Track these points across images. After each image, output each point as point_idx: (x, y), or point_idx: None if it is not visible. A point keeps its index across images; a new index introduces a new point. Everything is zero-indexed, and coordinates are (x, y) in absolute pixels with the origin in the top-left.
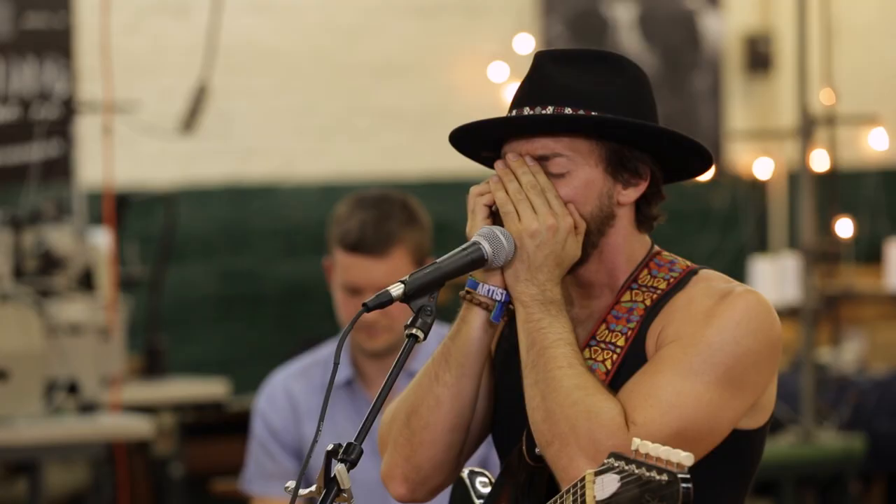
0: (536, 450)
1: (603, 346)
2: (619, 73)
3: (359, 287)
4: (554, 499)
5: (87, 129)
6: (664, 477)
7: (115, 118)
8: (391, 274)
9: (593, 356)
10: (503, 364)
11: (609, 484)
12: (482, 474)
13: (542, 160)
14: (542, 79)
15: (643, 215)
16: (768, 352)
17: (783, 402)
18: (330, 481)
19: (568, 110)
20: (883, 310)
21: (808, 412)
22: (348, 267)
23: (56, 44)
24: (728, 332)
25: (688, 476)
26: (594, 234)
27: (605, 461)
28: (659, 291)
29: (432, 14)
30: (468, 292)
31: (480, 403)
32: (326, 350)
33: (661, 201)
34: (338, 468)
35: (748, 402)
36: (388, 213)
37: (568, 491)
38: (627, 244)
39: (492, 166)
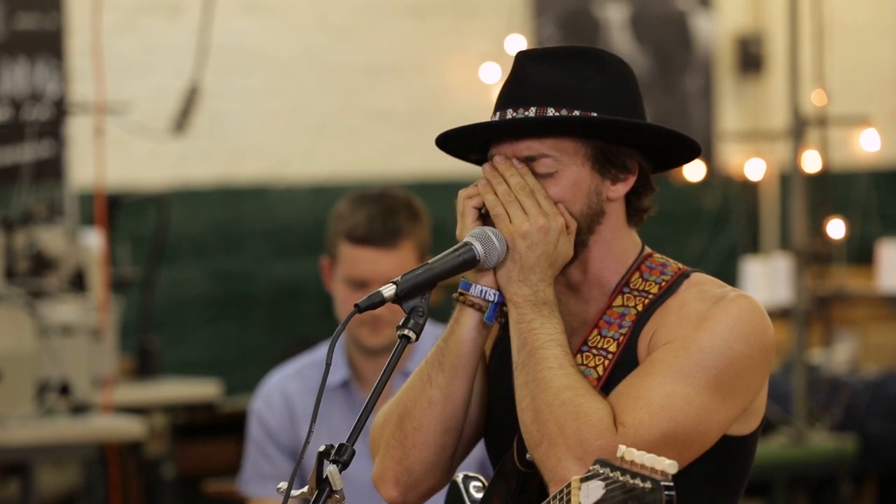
0: (528, 455)
1: (595, 351)
2: (600, 68)
3: (366, 280)
4: None
5: (78, 129)
6: (648, 484)
7: (106, 119)
8: (399, 266)
9: (585, 362)
10: (497, 368)
11: (594, 490)
12: (476, 479)
13: (528, 161)
14: (523, 79)
15: (634, 208)
16: (760, 357)
17: (775, 403)
18: (322, 482)
19: (551, 111)
20: (875, 311)
21: (800, 413)
22: (356, 260)
23: (47, 44)
24: (720, 336)
25: (671, 484)
26: (584, 232)
27: (591, 468)
28: (651, 296)
29: (424, 14)
30: (461, 294)
31: (473, 406)
32: (322, 351)
33: (652, 193)
34: (329, 469)
35: (739, 407)
36: (394, 207)
37: (554, 497)
38: (618, 241)
39: (480, 165)
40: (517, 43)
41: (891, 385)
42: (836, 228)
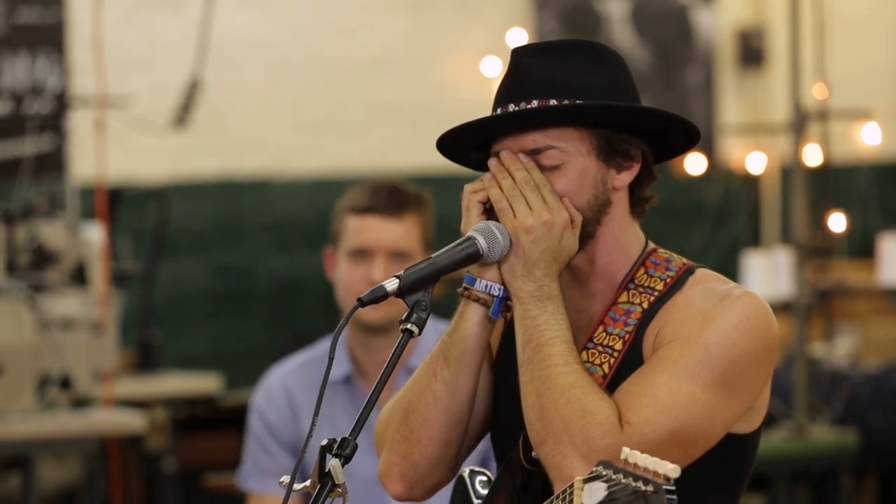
0: (533, 453)
1: (600, 349)
2: (598, 60)
3: (370, 249)
4: None
5: (79, 123)
6: (650, 488)
7: (107, 113)
8: (404, 237)
9: (591, 359)
10: (504, 364)
11: (597, 492)
12: (482, 473)
13: (534, 154)
14: (523, 74)
15: (636, 198)
16: (765, 355)
17: (776, 397)
18: (324, 476)
19: (553, 102)
20: (875, 304)
21: (801, 407)
22: (360, 230)
23: (48, 38)
24: (725, 334)
25: (673, 488)
26: (591, 223)
27: (594, 469)
28: (656, 293)
29: (425, 8)
30: (466, 288)
31: (479, 401)
32: (324, 345)
33: (654, 181)
34: (332, 463)
35: (743, 405)
36: (400, 187)
37: (557, 497)
38: (623, 233)
39: (480, 168)
40: (518, 37)
41: (892, 379)
42: (837, 222)
